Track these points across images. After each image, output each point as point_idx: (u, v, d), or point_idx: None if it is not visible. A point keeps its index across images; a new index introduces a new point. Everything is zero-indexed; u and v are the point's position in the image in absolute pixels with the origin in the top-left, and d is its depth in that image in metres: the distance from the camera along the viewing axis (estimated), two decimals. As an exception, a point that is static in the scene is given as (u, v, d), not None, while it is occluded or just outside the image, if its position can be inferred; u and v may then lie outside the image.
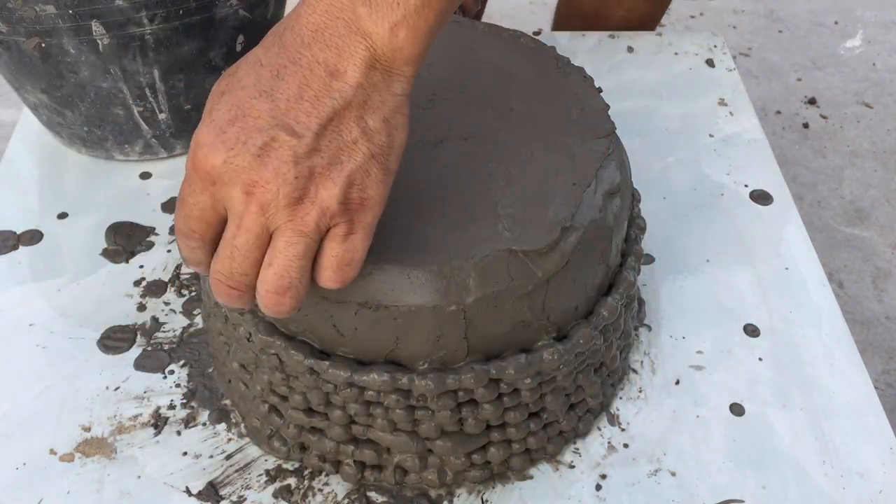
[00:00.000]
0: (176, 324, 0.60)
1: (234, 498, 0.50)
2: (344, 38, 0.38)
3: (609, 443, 0.53)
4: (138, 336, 0.59)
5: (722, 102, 0.79)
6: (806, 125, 1.43)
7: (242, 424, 0.54)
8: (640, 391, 0.56)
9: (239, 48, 0.68)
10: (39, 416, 0.54)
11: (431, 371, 0.45)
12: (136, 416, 0.54)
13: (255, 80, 0.39)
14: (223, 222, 0.40)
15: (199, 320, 0.60)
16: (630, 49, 0.86)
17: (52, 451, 0.52)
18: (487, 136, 0.50)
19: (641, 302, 0.61)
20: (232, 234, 0.39)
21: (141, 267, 0.63)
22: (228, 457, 0.52)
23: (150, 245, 0.65)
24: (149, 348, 0.58)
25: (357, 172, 0.38)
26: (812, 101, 1.48)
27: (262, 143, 0.37)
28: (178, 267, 0.63)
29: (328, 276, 0.40)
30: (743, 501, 0.50)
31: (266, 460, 0.52)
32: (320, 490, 0.51)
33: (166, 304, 0.61)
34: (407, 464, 0.49)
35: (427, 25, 0.38)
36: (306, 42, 0.38)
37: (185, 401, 0.55)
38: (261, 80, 0.38)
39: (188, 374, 0.56)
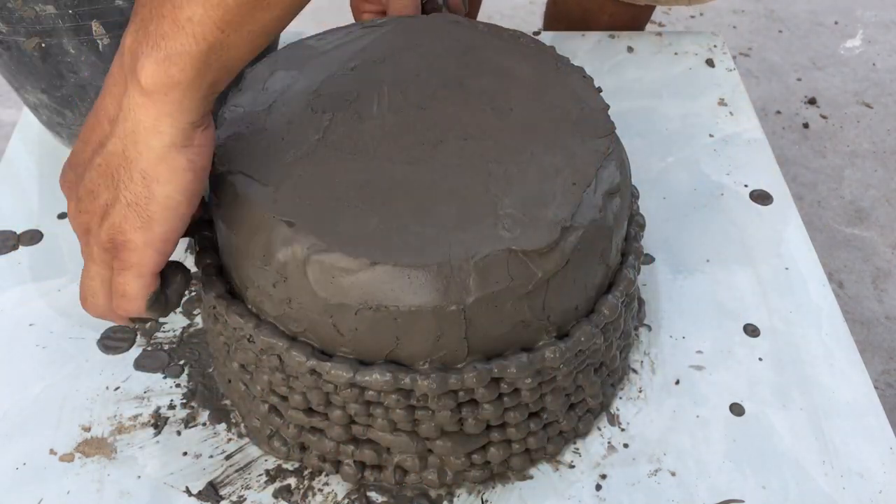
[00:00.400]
0: (176, 324, 0.60)
1: (234, 498, 0.50)
2: (118, 86, 0.41)
3: (609, 443, 0.53)
4: (138, 336, 0.59)
5: (722, 102, 0.79)
6: (806, 125, 1.43)
7: (242, 424, 0.54)
8: (640, 391, 0.56)
9: (239, 48, 0.68)
10: (39, 416, 0.54)
11: (433, 371, 0.45)
12: (136, 416, 0.54)
13: (84, 126, 0.44)
14: None
15: (199, 320, 0.60)
16: (630, 49, 0.86)
17: (52, 451, 0.52)
18: (487, 135, 0.50)
19: (641, 302, 0.61)
20: None
21: (141, 267, 0.63)
22: (228, 457, 0.52)
23: (150, 245, 0.65)
24: (149, 348, 0.58)
25: (117, 217, 0.42)
26: (812, 101, 1.48)
27: (69, 178, 0.45)
28: (178, 267, 0.63)
29: (114, 303, 0.45)
30: (743, 501, 0.50)
31: (266, 460, 0.52)
32: (320, 490, 0.51)
33: (166, 304, 0.61)
34: (407, 464, 0.49)
35: (179, 73, 0.39)
36: (105, 88, 0.42)
37: (185, 401, 0.55)
38: (83, 126, 0.44)
39: (188, 374, 0.56)
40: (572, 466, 0.52)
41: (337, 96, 0.52)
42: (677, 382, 0.56)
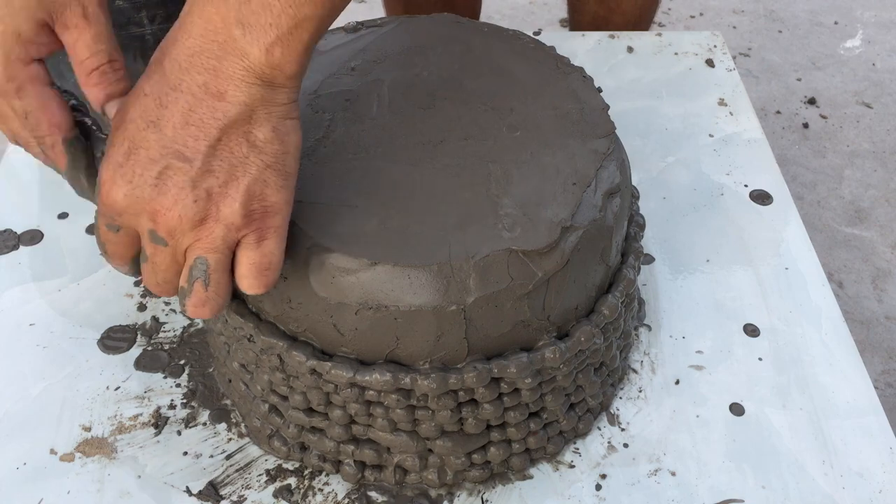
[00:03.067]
0: (176, 324, 0.60)
1: (235, 498, 0.50)
2: (220, 59, 0.39)
3: (609, 443, 0.53)
4: (138, 336, 0.59)
5: (722, 102, 0.79)
6: (806, 125, 1.43)
7: (243, 424, 0.54)
8: (640, 391, 0.56)
9: (239, 48, 0.68)
10: (39, 416, 0.54)
11: (434, 371, 0.45)
12: (136, 416, 0.54)
13: (142, 112, 0.40)
14: (138, 240, 0.43)
15: (199, 320, 0.60)
16: (630, 49, 0.86)
17: (53, 451, 0.52)
18: (487, 136, 0.50)
19: (641, 302, 0.61)
20: (150, 253, 0.42)
21: (141, 267, 0.63)
22: (229, 456, 0.52)
23: (151, 245, 0.65)
24: (149, 348, 0.58)
25: (254, 185, 0.40)
26: (812, 101, 1.48)
27: (157, 172, 0.39)
28: (179, 267, 0.63)
29: (249, 284, 0.42)
30: (743, 501, 0.50)
31: (266, 460, 0.52)
32: (320, 490, 0.51)
33: (166, 304, 0.61)
34: (407, 463, 0.49)
35: (301, 43, 0.39)
36: (184, 67, 0.40)
37: (185, 401, 0.55)
38: (146, 111, 0.40)
39: (188, 374, 0.56)
40: (572, 466, 0.52)
41: (337, 96, 0.52)
42: (677, 382, 0.56)
